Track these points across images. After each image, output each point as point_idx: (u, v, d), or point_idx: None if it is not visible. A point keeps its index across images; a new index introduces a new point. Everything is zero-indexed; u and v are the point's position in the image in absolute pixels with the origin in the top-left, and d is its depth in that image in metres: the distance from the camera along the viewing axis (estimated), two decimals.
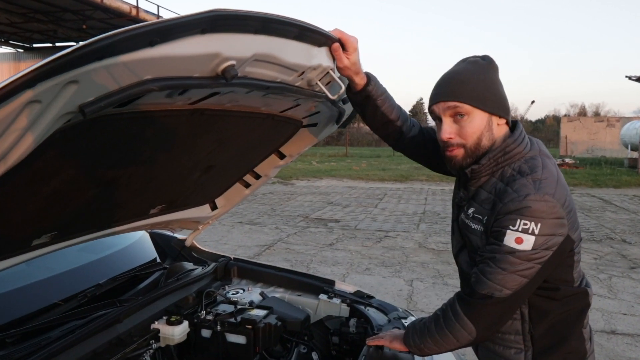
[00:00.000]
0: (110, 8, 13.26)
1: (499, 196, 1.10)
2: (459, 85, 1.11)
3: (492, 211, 1.10)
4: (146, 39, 0.68)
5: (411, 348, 1.25)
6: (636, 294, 4.51)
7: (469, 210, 1.17)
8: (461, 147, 1.13)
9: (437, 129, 1.18)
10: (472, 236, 1.17)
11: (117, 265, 1.68)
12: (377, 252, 5.99)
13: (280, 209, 9.34)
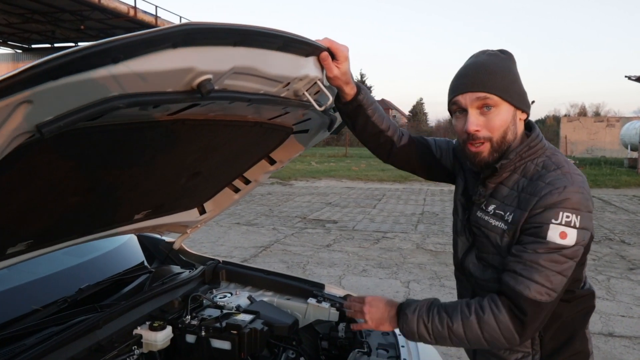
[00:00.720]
0: (108, 8, 13.23)
1: (528, 191, 1.06)
2: (488, 76, 1.07)
3: (520, 208, 1.06)
4: (108, 55, 0.65)
5: (409, 334, 1.11)
6: (635, 295, 4.48)
7: (489, 207, 1.12)
8: (487, 141, 1.09)
9: (458, 122, 1.13)
10: (491, 234, 1.11)
11: (102, 269, 1.64)
12: (375, 254, 5.95)
13: (278, 210, 9.31)
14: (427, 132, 50.88)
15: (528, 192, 1.06)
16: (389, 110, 74.71)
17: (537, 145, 1.12)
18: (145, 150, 1.10)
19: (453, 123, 1.16)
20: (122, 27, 15.46)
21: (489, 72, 1.08)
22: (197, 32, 0.73)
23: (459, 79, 1.11)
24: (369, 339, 1.46)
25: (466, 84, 1.09)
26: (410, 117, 69.55)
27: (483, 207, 1.14)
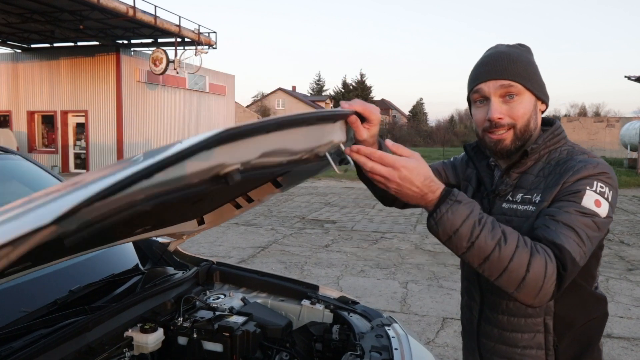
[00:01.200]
0: (107, 8, 13.18)
1: (558, 171, 1.04)
2: (512, 64, 1.07)
3: (549, 186, 1.03)
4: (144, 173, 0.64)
5: (446, 226, 0.91)
6: (633, 296, 4.46)
7: (517, 197, 1.09)
8: (511, 129, 1.07)
9: (479, 111, 1.11)
10: (518, 220, 1.05)
11: (94, 270, 1.63)
12: (373, 254, 5.94)
13: (277, 210, 9.29)
14: (427, 132, 50.84)
15: (557, 172, 1.04)
16: (389, 111, 74.76)
17: (561, 134, 1.13)
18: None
19: (472, 112, 1.15)
20: (122, 26, 15.41)
21: (512, 60, 1.08)
22: (234, 135, 0.72)
23: (482, 67, 1.11)
24: (362, 342, 1.44)
25: (490, 71, 1.08)
26: (410, 117, 69.62)
27: (509, 198, 1.10)
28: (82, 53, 17.45)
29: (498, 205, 1.12)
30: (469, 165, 1.29)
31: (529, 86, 1.07)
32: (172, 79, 19.15)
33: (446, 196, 0.92)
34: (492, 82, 1.07)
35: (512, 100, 1.07)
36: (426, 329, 3.66)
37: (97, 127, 17.40)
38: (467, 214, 0.91)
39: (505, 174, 1.13)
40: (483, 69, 1.10)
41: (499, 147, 1.09)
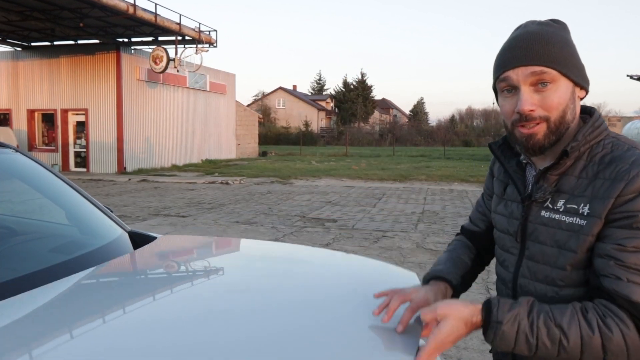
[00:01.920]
0: (107, 6, 13.14)
1: (607, 176, 0.90)
2: (544, 47, 0.92)
3: (600, 196, 0.89)
4: None
5: (503, 347, 0.88)
6: None
7: (558, 204, 0.95)
8: (544, 122, 0.93)
9: (506, 102, 0.97)
10: (562, 233, 0.93)
11: (86, 266, 1.57)
12: (374, 253, 5.89)
13: (277, 209, 9.25)
14: (428, 132, 50.78)
15: (606, 176, 0.90)
16: (390, 110, 74.67)
17: (602, 125, 0.97)
18: None
19: (499, 104, 1.01)
20: (122, 24, 15.38)
21: (545, 42, 0.92)
22: None
23: (509, 52, 0.96)
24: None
25: (518, 56, 0.93)
26: (411, 116, 69.58)
27: (549, 205, 0.96)
28: (82, 51, 17.42)
29: (536, 213, 0.99)
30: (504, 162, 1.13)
31: (565, 71, 0.93)
32: (173, 78, 19.11)
33: (488, 321, 0.88)
34: (522, 68, 0.93)
35: (545, 88, 0.93)
36: None
37: (97, 125, 17.37)
38: (514, 331, 0.86)
39: (542, 178, 0.99)
40: (510, 54, 0.95)
41: (530, 142, 0.95)
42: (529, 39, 0.94)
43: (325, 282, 1.49)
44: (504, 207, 1.08)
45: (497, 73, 0.99)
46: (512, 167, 1.07)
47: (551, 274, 0.96)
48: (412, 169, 18.49)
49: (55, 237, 1.86)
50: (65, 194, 1.95)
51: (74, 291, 1.35)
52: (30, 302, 1.22)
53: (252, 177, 15.41)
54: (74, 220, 1.93)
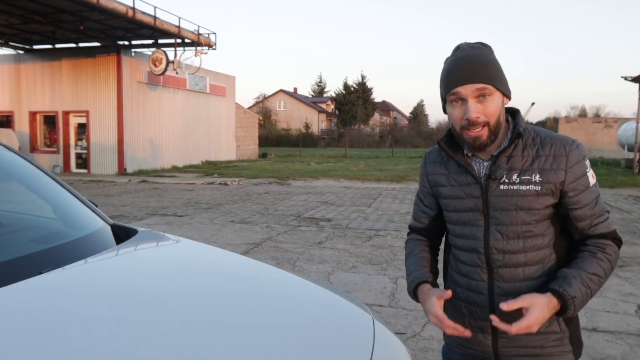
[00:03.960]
0: (107, 9, 13.28)
1: (547, 152, 1.23)
2: (484, 69, 1.20)
3: (551, 168, 1.21)
4: None
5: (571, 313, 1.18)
6: (622, 292, 4.48)
7: (513, 177, 1.23)
8: (485, 126, 1.20)
9: (455, 110, 1.23)
10: (523, 199, 1.22)
11: (66, 257, 1.66)
12: (365, 251, 5.98)
13: (273, 208, 9.33)
14: (427, 134, 50.72)
15: (547, 153, 1.22)
16: (390, 112, 74.69)
17: (524, 119, 1.33)
18: None
19: (448, 111, 1.26)
20: (122, 27, 15.52)
21: (483, 64, 1.20)
22: None
23: (457, 72, 1.21)
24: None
25: (466, 76, 1.20)
26: (411, 118, 69.58)
27: (505, 180, 1.23)
28: (83, 54, 17.57)
29: (494, 189, 1.24)
30: (439, 163, 1.37)
31: (498, 86, 1.22)
32: (173, 80, 19.24)
33: (564, 300, 1.15)
34: (469, 85, 1.19)
35: (485, 100, 1.20)
36: (413, 322, 3.69)
37: (98, 127, 17.51)
38: (582, 295, 1.16)
39: (496, 161, 1.24)
40: (459, 73, 1.21)
41: (477, 142, 1.22)
42: (472, 62, 1.21)
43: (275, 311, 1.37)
44: (460, 190, 1.31)
45: (448, 88, 1.24)
46: (462, 160, 1.30)
47: (520, 230, 1.23)
48: (410, 169, 18.55)
49: (38, 229, 1.95)
50: (49, 188, 2.04)
51: (53, 277, 1.44)
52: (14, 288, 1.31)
53: (251, 178, 15.51)
54: (58, 212, 2.02)
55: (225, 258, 1.81)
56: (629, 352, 3.21)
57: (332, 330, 1.32)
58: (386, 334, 1.45)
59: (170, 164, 19.61)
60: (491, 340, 1.29)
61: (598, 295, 4.37)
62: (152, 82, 18.32)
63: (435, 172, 1.37)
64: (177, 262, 1.69)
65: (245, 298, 1.39)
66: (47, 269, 1.44)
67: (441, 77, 1.27)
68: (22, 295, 1.27)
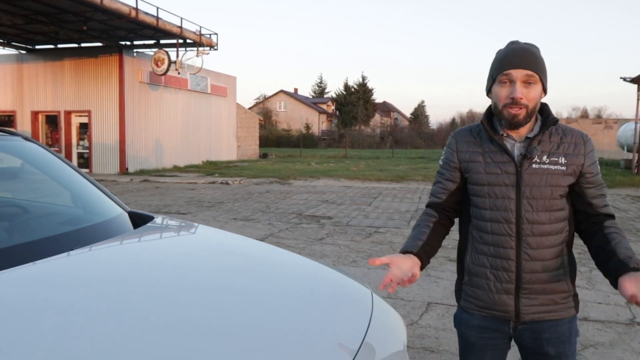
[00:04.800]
0: (110, 10, 13.43)
1: (569, 141, 1.45)
2: (535, 60, 1.41)
3: (572, 153, 1.44)
4: None
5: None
6: None
7: (543, 158, 1.44)
8: (524, 108, 1.40)
9: (503, 89, 1.42)
10: (552, 176, 1.43)
11: (90, 238, 1.80)
12: (366, 247, 6.12)
13: (275, 207, 9.47)
14: (428, 135, 50.93)
15: (569, 141, 1.45)
16: (391, 113, 74.86)
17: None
18: None
19: (494, 90, 1.45)
20: (124, 28, 15.67)
21: (535, 56, 1.41)
22: None
23: (512, 57, 1.41)
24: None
25: (520, 62, 1.40)
26: (412, 119, 69.77)
27: (537, 160, 1.44)
28: (85, 54, 17.71)
29: (527, 167, 1.44)
30: (473, 142, 1.53)
31: (542, 78, 1.42)
32: (174, 80, 19.39)
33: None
34: (521, 70, 1.39)
35: (529, 86, 1.40)
36: (411, 312, 3.83)
37: (100, 127, 17.65)
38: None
39: (530, 143, 1.45)
40: (514, 59, 1.40)
41: (515, 120, 1.42)
42: (526, 52, 1.42)
43: (281, 284, 1.51)
44: (495, 167, 1.48)
45: (501, 69, 1.42)
46: (500, 140, 1.49)
47: (548, 203, 1.44)
48: (410, 170, 18.69)
49: (63, 214, 2.10)
50: (71, 178, 2.18)
51: (76, 256, 1.58)
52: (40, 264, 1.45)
53: (252, 178, 15.65)
54: (80, 200, 2.16)
55: (238, 240, 1.96)
56: (617, 340, 3.35)
57: (336, 299, 1.46)
58: (384, 305, 1.59)
59: (172, 163, 19.75)
60: (514, 300, 1.46)
61: (591, 288, 4.51)
62: (154, 82, 18.47)
63: (469, 149, 1.53)
64: (193, 243, 1.83)
65: (258, 272, 1.54)
66: (76, 247, 1.59)
67: (495, 61, 1.46)
68: (59, 267, 1.42)
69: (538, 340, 1.48)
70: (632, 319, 3.75)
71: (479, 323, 1.52)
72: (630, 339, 3.36)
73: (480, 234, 1.50)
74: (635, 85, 15.32)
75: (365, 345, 1.21)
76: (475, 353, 1.54)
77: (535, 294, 1.45)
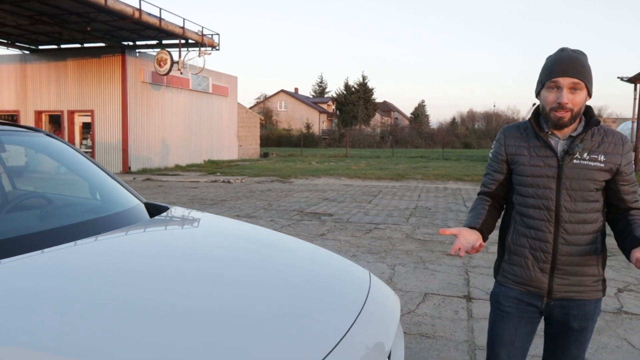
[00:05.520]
0: (114, 11, 13.61)
1: (610, 141, 1.60)
2: (582, 69, 1.55)
3: (612, 152, 1.60)
4: None
5: None
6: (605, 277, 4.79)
7: (584, 155, 1.60)
8: (569, 112, 1.54)
9: (550, 94, 1.57)
10: (590, 172, 1.59)
11: (113, 225, 1.98)
12: (365, 242, 6.29)
13: (277, 204, 9.65)
14: (428, 134, 51.11)
15: (609, 141, 1.61)
16: (391, 113, 75.03)
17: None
18: None
19: (543, 94, 1.60)
20: (127, 28, 15.87)
21: (582, 65, 1.55)
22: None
23: (560, 65, 1.55)
24: None
25: (567, 70, 1.54)
26: (412, 119, 69.94)
27: (578, 156, 1.59)
28: (88, 54, 17.91)
29: (568, 162, 1.60)
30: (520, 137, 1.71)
31: (588, 85, 1.57)
32: (176, 80, 19.57)
33: None
34: (569, 78, 1.54)
35: (575, 92, 1.55)
36: (408, 302, 4.00)
37: (102, 126, 17.84)
38: None
39: (573, 141, 1.60)
40: (562, 68, 1.55)
41: (560, 122, 1.57)
42: (574, 60, 1.56)
43: (288, 262, 1.67)
44: (539, 160, 1.65)
45: (550, 76, 1.57)
46: (545, 137, 1.66)
47: (585, 194, 1.60)
48: (410, 168, 18.86)
49: (86, 205, 2.27)
50: (91, 171, 2.36)
51: (103, 239, 1.76)
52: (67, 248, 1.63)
53: (253, 177, 15.83)
54: (101, 192, 2.34)
55: (248, 227, 2.14)
56: (604, 327, 3.52)
57: (337, 276, 1.64)
58: (381, 283, 1.76)
59: (174, 162, 19.94)
60: (548, 278, 1.64)
61: None
62: (156, 82, 18.65)
63: (515, 144, 1.70)
64: (207, 228, 2.00)
65: (267, 253, 1.72)
66: (102, 232, 1.77)
67: (544, 68, 1.61)
68: (90, 249, 1.59)
69: (566, 315, 1.67)
70: (620, 308, 3.93)
71: (516, 295, 1.70)
72: (617, 326, 3.53)
73: (522, 218, 1.68)
74: (632, 84, 15.48)
75: (363, 314, 1.38)
76: (512, 323, 1.71)
77: (568, 274, 1.63)
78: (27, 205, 2.14)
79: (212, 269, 1.44)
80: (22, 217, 1.90)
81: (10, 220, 1.83)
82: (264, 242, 1.89)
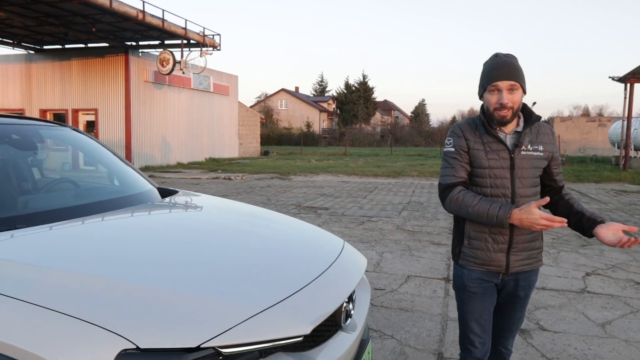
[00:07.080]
0: (118, 12, 14.01)
1: (544, 132, 1.89)
2: (516, 71, 1.80)
3: (548, 142, 1.89)
4: None
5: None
6: (576, 263, 5.18)
7: (528, 147, 1.86)
8: (510, 110, 1.79)
9: (492, 96, 1.81)
10: (534, 160, 1.86)
11: (132, 202, 2.38)
12: (358, 232, 6.69)
13: (275, 199, 10.05)
14: (428, 133, 51.47)
15: (544, 133, 1.89)
16: (392, 111, 75.41)
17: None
18: None
19: (486, 97, 1.85)
20: (131, 29, 16.27)
21: (516, 68, 1.80)
22: None
23: (499, 70, 1.79)
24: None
25: (504, 75, 1.78)
26: (413, 117, 70.33)
27: (524, 148, 1.85)
28: (92, 54, 18.32)
29: (517, 153, 1.85)
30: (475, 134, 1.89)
31: (523, 85, 1.83)
32: (178, 79, 19.99)
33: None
34: (507, 81, 1.79)
35: (513, 92, 1.81)
36: (392, 282, 4.41)
37: (106, 124, 18.26)
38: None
39: (520, 136, 1.86)
40: (500, 72, 1.79)
41: (504, 119, 1.83)
42: (508, 65, 1.81)
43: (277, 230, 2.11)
44: (494, 154, 1.86)
45: (490, 81, 1.81)
46: (496, 133, 1.88)
47: (531, 180, 1.87)
48: (407, 166, 19.26)
49: (108, 187, 2.68)
50: (112, 160, 2.77)
51: (126, 212, 2.17)
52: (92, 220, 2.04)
53: (254, 174, 16.24)
54: (120, 177, 2.75)
55: (245, 205, 2.55)
56: (566, 303, 3.92)
57: (318, 239, 2.05)
58: (352, 249, 2.17)
59: (176, 160, 20.37)
60: (506, 257, 1.87)
61: (555, 266, 5.08)
62: (158, 81, 19.07)
63: (472, 139, 1.89)
64: (212, 205, 2.41)
65: (261, 224, 2.14)
66: (125, 207, 2.18)
67: (483, 73, 1.85)
68: (119, 218, 2.00)
69: (516, 286, 1.94)
70: (584, 288, 4.33)
71: (479, 276, 1.91)
72: (577, 303, 3.93)
73: None
74: (623, 84, 15.84)
75: (334, 265, 1.79)
76: (478, 300, 1.93)
77: (521, 251, 1.87)
78: (61, 187, 2.56)
79: (217, 231, 1.85)
80: (59, 195, 2.31)
81: (51, 198, 2.24)
82: (258, 215, 2.31)
